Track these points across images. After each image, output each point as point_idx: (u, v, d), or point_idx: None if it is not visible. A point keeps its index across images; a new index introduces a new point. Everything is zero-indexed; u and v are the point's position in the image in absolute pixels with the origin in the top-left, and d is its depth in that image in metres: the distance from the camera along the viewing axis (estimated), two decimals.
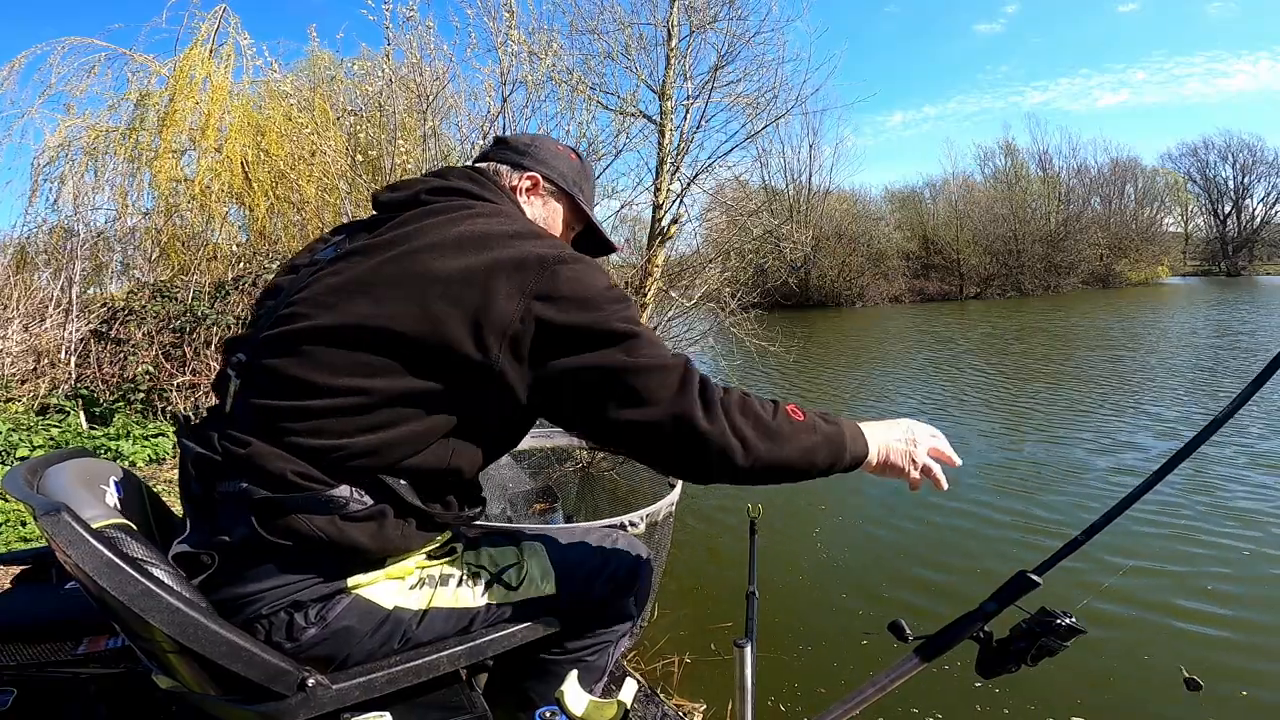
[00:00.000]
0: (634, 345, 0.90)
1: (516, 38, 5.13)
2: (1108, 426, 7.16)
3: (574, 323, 0.88)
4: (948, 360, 12.19)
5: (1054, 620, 0.98)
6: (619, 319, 0.91)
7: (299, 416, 0.87)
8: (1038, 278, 29.42)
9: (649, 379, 0.89)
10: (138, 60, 6.59)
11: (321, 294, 0.91)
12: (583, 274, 0.92)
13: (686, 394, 0.90)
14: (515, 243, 0.93)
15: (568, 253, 0.94)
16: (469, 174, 1.13)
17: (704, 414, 0.90)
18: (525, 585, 1.09)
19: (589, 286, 0.91)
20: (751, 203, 10.63)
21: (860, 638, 3.36)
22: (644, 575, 1.24)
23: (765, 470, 0.95)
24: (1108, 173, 36.24)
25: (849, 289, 26.46)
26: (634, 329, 0.91)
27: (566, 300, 0.89)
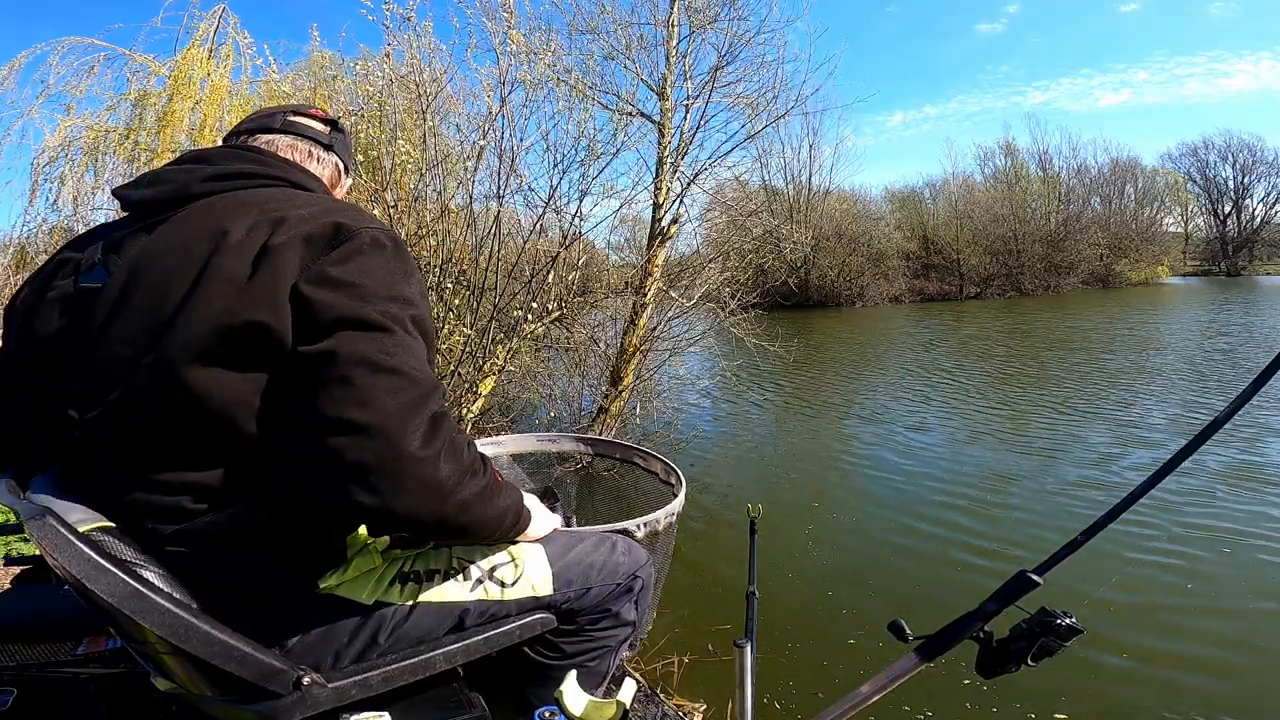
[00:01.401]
0: (383, 340, 0.80)
1: (515, 38, 5.12)
2: (1109, 426, 7.17)
3: (331, 304, 0.81)
4: (947, 360, 12.19)
5: (1054, 620, 0.98)
6: (379, 310, 0.82)
7: (174, 452, 0.84)
8: (1038, 278, 29.41)
9: (378, 379, 0.78)
10: (137, 60, 6.59)
11: (139, 334, 0.83)
12: (370, 254, 0.86)
13: (415, 414, 0.78)
14: (310, 218, 0.87)
15: (365, 227, 0.88)
16: (238, 154, 1.03)
17: (422, 441, 0.78)
18: (519, 584, 1.07)
19: (369, 270, 0.84)
20: (751, 203, 10.64)
21: (860, 637, 3.36)
22: (645, 581, 1.23)
23: (459, 526, 0.86)
24: (1108, 173, 36.23)
25: (849, 289, 26.44)
26: (391, 325, 0.82)
27: (343, 260, 0.84)
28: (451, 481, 0.81)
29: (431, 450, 0.78)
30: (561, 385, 7.35)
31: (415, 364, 0.81)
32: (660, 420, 7.34)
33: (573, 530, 1.26)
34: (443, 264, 5.66)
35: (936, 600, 3.72)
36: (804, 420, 8.44)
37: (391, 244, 0.89)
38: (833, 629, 3.47)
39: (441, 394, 0.84)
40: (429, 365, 0.85)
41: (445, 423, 0.82)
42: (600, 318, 7.57)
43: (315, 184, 1.06)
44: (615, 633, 1.20)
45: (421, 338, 0.85)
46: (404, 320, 0.83)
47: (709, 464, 6.73)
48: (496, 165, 5.51)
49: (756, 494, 5.54)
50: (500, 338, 5.93)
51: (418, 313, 0.86)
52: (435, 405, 0.81)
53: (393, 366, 0.79)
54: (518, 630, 1.07)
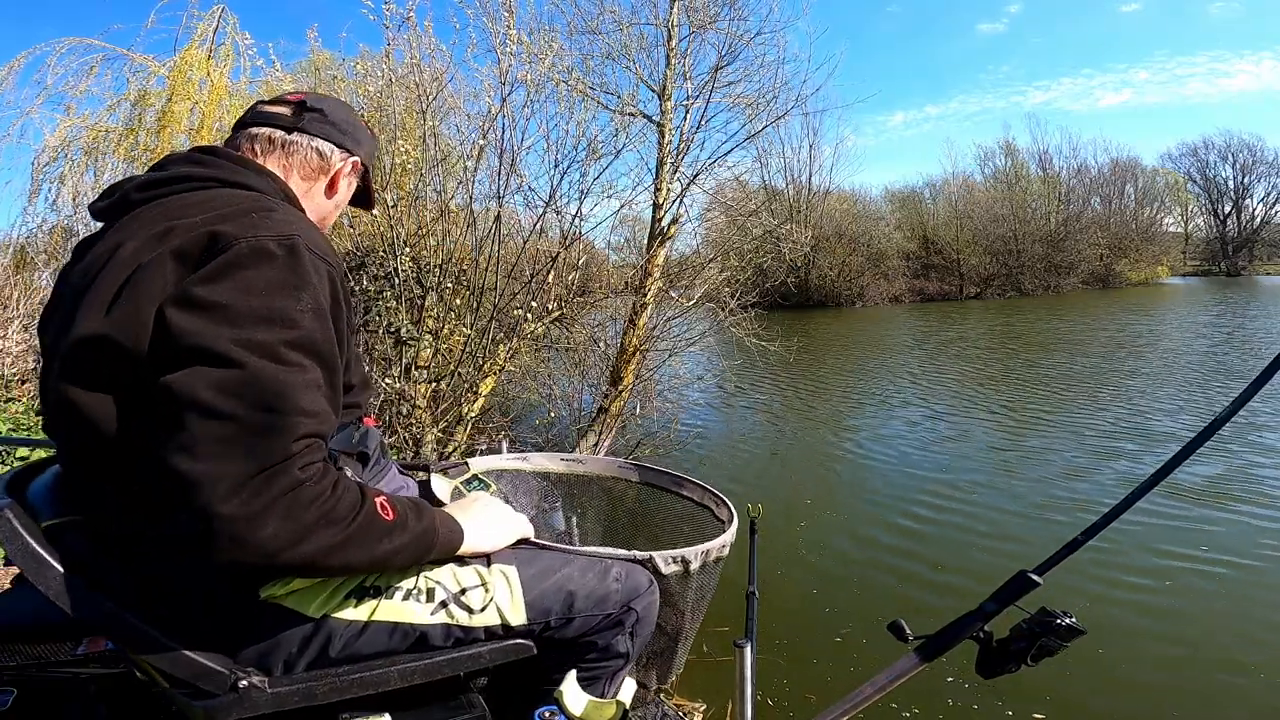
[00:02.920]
0: (228, 379, 0.73)
1: (516, 38, 5.12)
2: (1111, 427, 7.16)
3: (186, 332, 0.75)
4: (947, 361, 12.20)
5: (1054, 620, 0.98)
6: (237, 340, 0.74)
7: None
8: (1038, 278, 29.41)
9: (208, 426, 0.71)
10: (137, 60, 6.59)
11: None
12: (249, 267, 0.78)
13: (238, 466, 0.72)
14: (201, 226, 0.82)
15: (246, 236, 0.80)
16: (189, 156, 0.99)
17: (243, 499, 0.71)
18: (488, 610, 1.01)
19: (243, 287, 0.77)
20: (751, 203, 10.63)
21: (860, 638, 3.37)
22: (643, 615, 1.12)
23: (313, 572, 0.83)
24: (1108, 173, 36.24)
25: (849, 289, 26.44)
26: (244, 359, 0.74)
27: (214, 277, 0.78)
28: (279, 541, 0.73)
29: (253, 508, 0.71)
30: (561, 385, 7.35)
31: (267, 402, 0.73)
32: (660, 420, 7.34)
33: (572, 553, 1.14)
34: (442, 264, 5.66)
35: (936, 600, 3.73)
36: (804, 420, 8.44)
37: (283, 252, 0.80)
38: (832, 629, 3.48)
39: (297, 437, 0.75)
40: (313, 391, 0.77)
41: (283, 477, 0.74)
42: (600, 318, 7.57)
43: (264, 181, 0.98)
44: (604, 665, 1.12)
45: (309, 360, 0.78)
46: (271, 348, 0.75)
47: (708, 464, 6.74)
48: (497, 165, 5.51)
49: (756, 494, 5.53)
50: (500, 338, 5.93)
51: (299, 334, 0.77)
52: (274, 454, 0.73)
53: (229, 412, 0.72)
54: (487, 655, 1.01)
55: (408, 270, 5.52)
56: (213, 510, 0.70)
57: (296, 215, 0.91)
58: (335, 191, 1.15)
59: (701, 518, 1.55)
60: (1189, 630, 3.34)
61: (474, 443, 5.74)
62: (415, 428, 5.39)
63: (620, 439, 7.04)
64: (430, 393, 5.63)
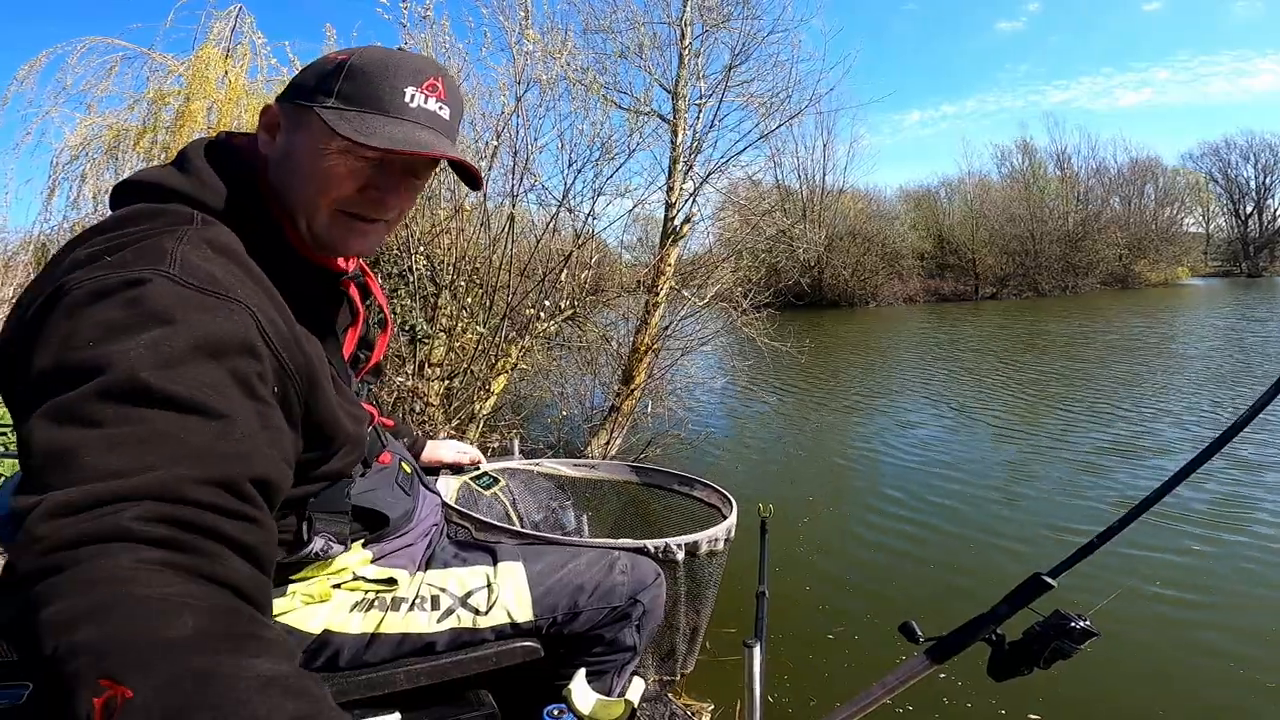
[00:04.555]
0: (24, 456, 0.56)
1: (531, 36, 5.13)
2: (1127, 429, 7.08)
3: (35, 368, 0.61)
4: (961, 360, 12.10)
5: (1068, 623, 0.97)
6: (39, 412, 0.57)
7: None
8: (1055, 278, 29.06)
9: (41, 461, 0.55)
10: (156, 59, 6.66)
11: None
12: (70, 323, 0.62)
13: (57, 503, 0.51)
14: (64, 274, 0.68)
15: (78, 281, 0.65)
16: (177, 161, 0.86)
17: (35, 551, 0.49)
18: (494, 610, 1.00)
19: (77, 326, 0.62)
20: (765, 202, 10.60)
21: (870, 638, 3.34)
22: (649, 606, 1.12)
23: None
24: (1127, 172, 35.74)
25: (863, 288, 26.26)
26: (34, 430, 0.56)
27: (42, 340, 0.63)
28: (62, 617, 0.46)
29: (45, 553, 0.49)
30: (573, 383, 7.35)
31: (35, 475, 0.54)
32: (672, 419, 7.33)
33: (576, 544, 1.15)
34: (456, 262, 5.68)
35: (948, 602, 3.70)
36: (816, 420, 8.40)
37: (122, 286, 0.64)
38: (842, 629, 3.46)
39: (47, 511, 0.51)
40: (126, 447, 0.55)
41: (119, 529, 0.51)
42: (612, 316, 7.57)
43: (189, 181, 0.81)
44: (612, 659, 1.11)
45: (133, 409, 0.57)
46: (71, 408, 0.56)
47: (720, 463, 6.72)
48: (510, 164, 5.53)
49: (767, 493, 5.49)
50: (513, 336, 5.95)
51: (115, 378, 0.57)
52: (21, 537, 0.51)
53: (59, 447, 0.55)
54: (494, 656, 1.01)
55: (421, 268, 5.55)
56: (16, 559, 0.51)
57: (201, 240, 0.73)
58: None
59: (710, 515, 1.56)
60: (1200, 634, 3.30)
61: (486, 440, 5.75)
62: (428, 425, 5.42)
63: (632, 437, 7.04)
64: (443, 390, 5.66)
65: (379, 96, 0.80)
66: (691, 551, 1.25)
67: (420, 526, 1.12)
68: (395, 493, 1.07)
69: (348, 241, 0.86)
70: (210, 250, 0.72)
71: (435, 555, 1.12)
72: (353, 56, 0.81)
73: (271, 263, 0.79)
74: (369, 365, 1.07)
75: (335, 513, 0.94)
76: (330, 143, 0.79)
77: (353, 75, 0.80)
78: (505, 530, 1.20)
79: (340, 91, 0.79)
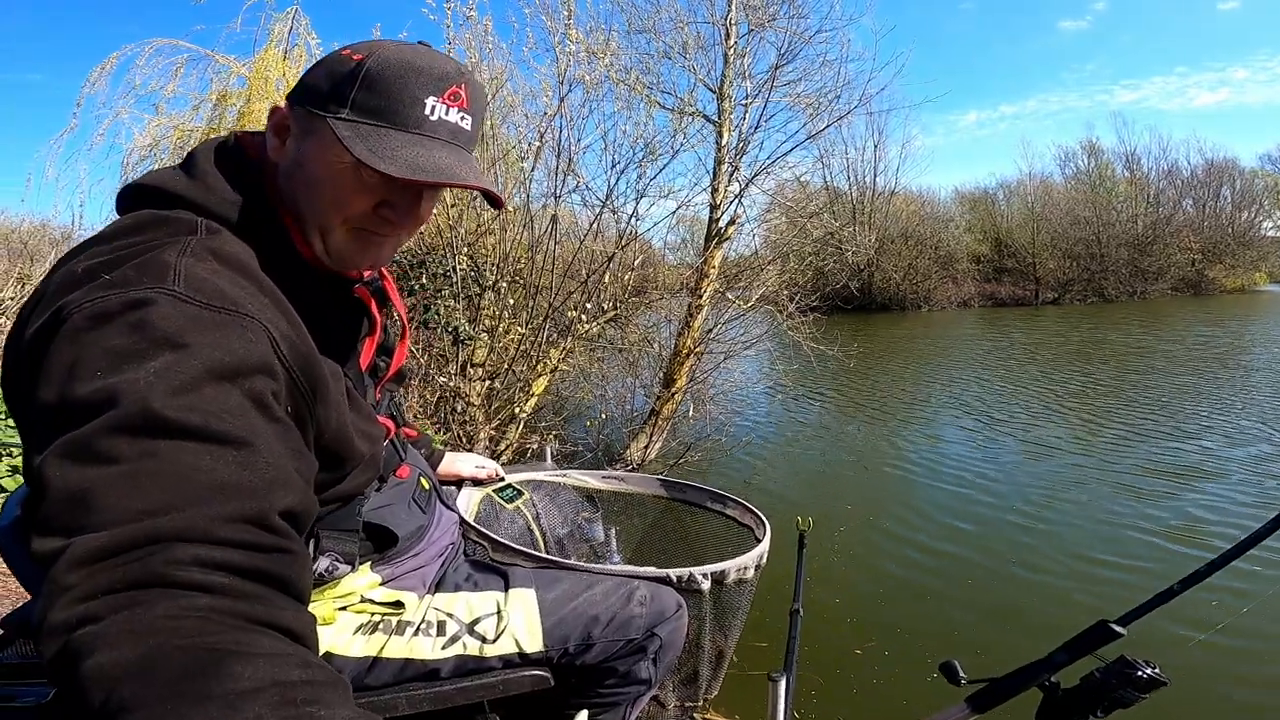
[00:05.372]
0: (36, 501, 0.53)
1: (575, 36, 5.13)
2: (1210, 453, 6.44)
3: (41, 401, 0.58)
4: (1021, 369, 11.58)
5: (1134, 671, 0.87)
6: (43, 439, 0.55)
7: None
8: (1122, 283, 27.77)
9: (59, 503, 0.52)
10: (220, 61, 6.91)
11: None
12: (73, 351, 0.58)
13: (82, 552, 0.49)
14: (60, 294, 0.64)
15: (79, 305, 0.61)
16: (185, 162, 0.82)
17: (66, 600, 0.47)
18: (503, 639, 0.97)
19: (81, 355, 0.58)
20: (812, 204, 10.40)
21: (908, 668, 3.15)
22: (668, 640, 1.06)
23: None
24: (1201, 175, 33.88)
25: (914, 292, 25.59)
26: (40, 459, 0.54)
27: (45, 371, 0.59)
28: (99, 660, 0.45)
29: (76, 608, 0.47)
30: (614, 386, 7.33)
31: (54, 520, 0.51)
32: (713, 424, 7.23)
33: (587, 571, 1.10)
34: (499, 263, 5.72)
35: (994, 637, 3.44)
36: (862, 429, 8.16)
37: (124, 309, 0.60)
38: (878, 657, 3.28)
39: (72, 562, 0.49)
40: (145, 480, 0.52)
41: (158, 573, 0.49)
42: (655, 318, 7.52)
43: (194, 187, 0.77)
44: (624, 691, 1.06)
45: (150, 441, 0.54)
46: (85, 445, 0.53)
47: (760, 471, 6.58)
48: (554, 164, 5.54)
49: (807, 505, 5.37)
50: (554, 337, 5.95)
51: (126, 412, 0.54)
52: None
53: (75, 487, 0.52)
54: (501, 685, 0.97)
55: (465, 269, 5.60)
56: (45, 611, 0.48)
57: (206, 251, 0.69)
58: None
59: (743, 536, 1.48)
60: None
61: (526, 441, 5.77)
62: (469, 425, 5.46)
63: (671, 441, 6.97)
64: (485, 391, 5.70)
65: (397, 109, 0.74)
66: (719, 580, 1.18)
67: (434, 546, 1.09)
68: (410, 510, 1.04)
69: (363, 256, 0.83)
70: (216, 262, 0.68)
71: (447, 577, 1.08)
72: (369, 59, 0.75)
73: (282, 273, 0.75)
74: (390, 374, 1.03)
75: (344, 531, 0.91)
76: (344, 158, 0.74)
77: (369, 83, 0.74)
78: (522, 553, 1.15)
79: (355, 101, 0.74)
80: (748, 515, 1.49)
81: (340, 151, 0.73)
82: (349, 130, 0.73)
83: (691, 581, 1.14)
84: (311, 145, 0.77)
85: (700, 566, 1.16)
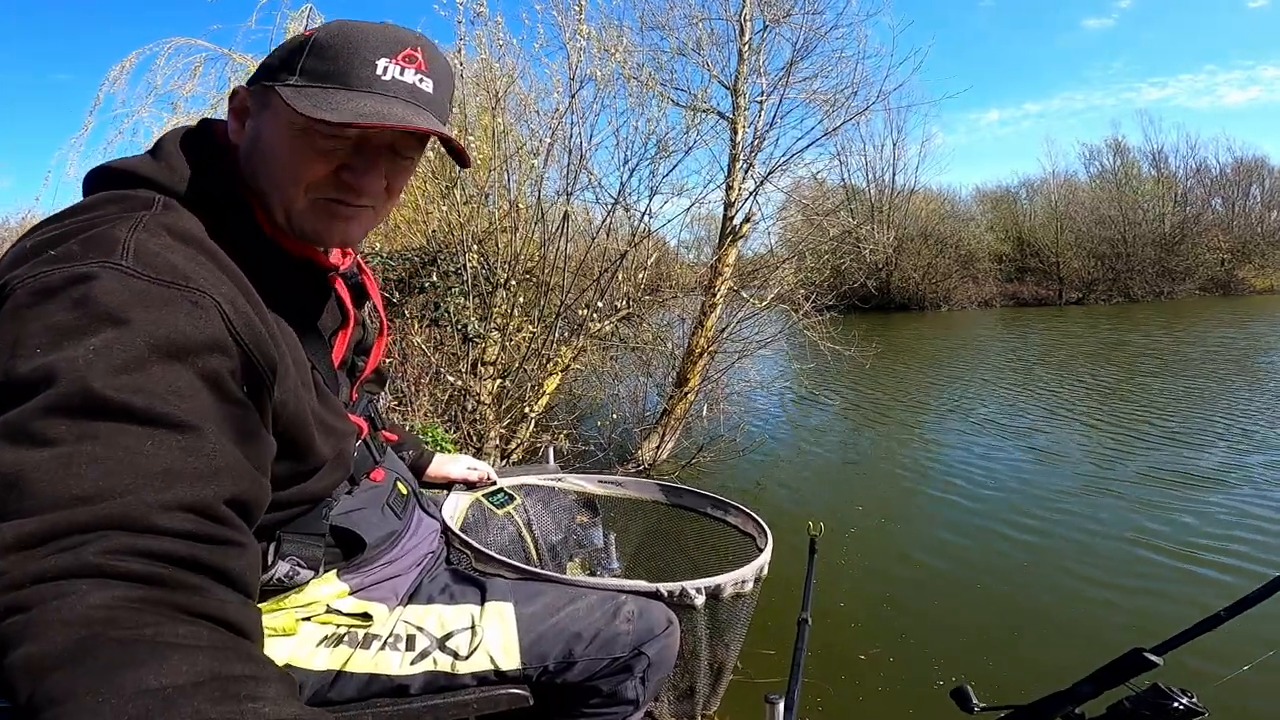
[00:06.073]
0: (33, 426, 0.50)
1: (586, 33, 5.07)
2: (1254, 467, 5.96)
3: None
4: (1044, 371, 11.32)
5: (1169, 702, 0.78)
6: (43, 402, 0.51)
7: None
8: (1149, 283, 27.23)
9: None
10: (237, 60, 6.94)
11: None
12: (14, 326, 0.56)
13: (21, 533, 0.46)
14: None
15: (24, 279, 0.58)
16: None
17: (1, 576, 0.44)
18: (476, 655, 0.91)
19: (21, 331, 0.55)
20: (829, 201, 10.27)
21: (918, 688, 3.00)
22: (656, 660, 1.01)
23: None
24: (1231, 173, 33.10)
25: (934, 292, 25.28)
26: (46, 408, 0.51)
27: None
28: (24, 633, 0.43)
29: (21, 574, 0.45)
30: (627, 384, 7.27)
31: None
32: (726, 424, 7.14)
33: (571, 584, 1.04)
34: (510, 261, 5.68)
35: (1013, 656, 3.23)
36: (877, 432, 8.02)
37: (67, 284, 0.57)
38: (887, 672, 3.17)
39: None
40: (82, 466, 0.49)
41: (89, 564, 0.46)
42: (668, 317, 7.45)
43: (157, 167, 0.75)
44: (610, 712, 1.00)
45: (87, 423, 0.51)
46: (20, 426, 0.50)
47: (772, 473, 6.49)
48: (566, 162, 5.49)
49: (819, 509, 5.25)
50: (566, 336, 5.91)
51: (64, 390, 0.51)
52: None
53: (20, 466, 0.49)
54: (474, 704, 0.91)
55: (475, 266, 5.57)
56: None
57: (159, 226, 0.66)
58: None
59: (744, 546, 1.40)
60: None
61: (536, 440, 5.73)
62: (480, 424, 5.42)
63: (684, 441, 6.90)
64: (496, 389, 5.66)
65: (345, 71, 0.72)
66: (714, 595, 1.10)
67: (410, 555, 1.03)
68: (383, 515, 0.98)
69: (330, 229, 0.79)
70: (170, 237, 0.65)
71: (422, 588, 1.03)
72: (320, 31, 0.75)
73: (244, 253, 0.72)
74: (366, 372, 1.00)
75: (309, 535, 0.87)
76: (294, 122, 0.72)
77: (318, 49, 0.73)
78: (505, 564, 1.09)
79: (304, 68, 0.73)
80: (750, 523, 1.42)
81: (290, 116, 0.71)
82: (293, 93, 0.71)
83: (684, 596, 1.07)
84: (266, 118, 0.75)
85: (694, 581, 1.08)
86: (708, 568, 1.47)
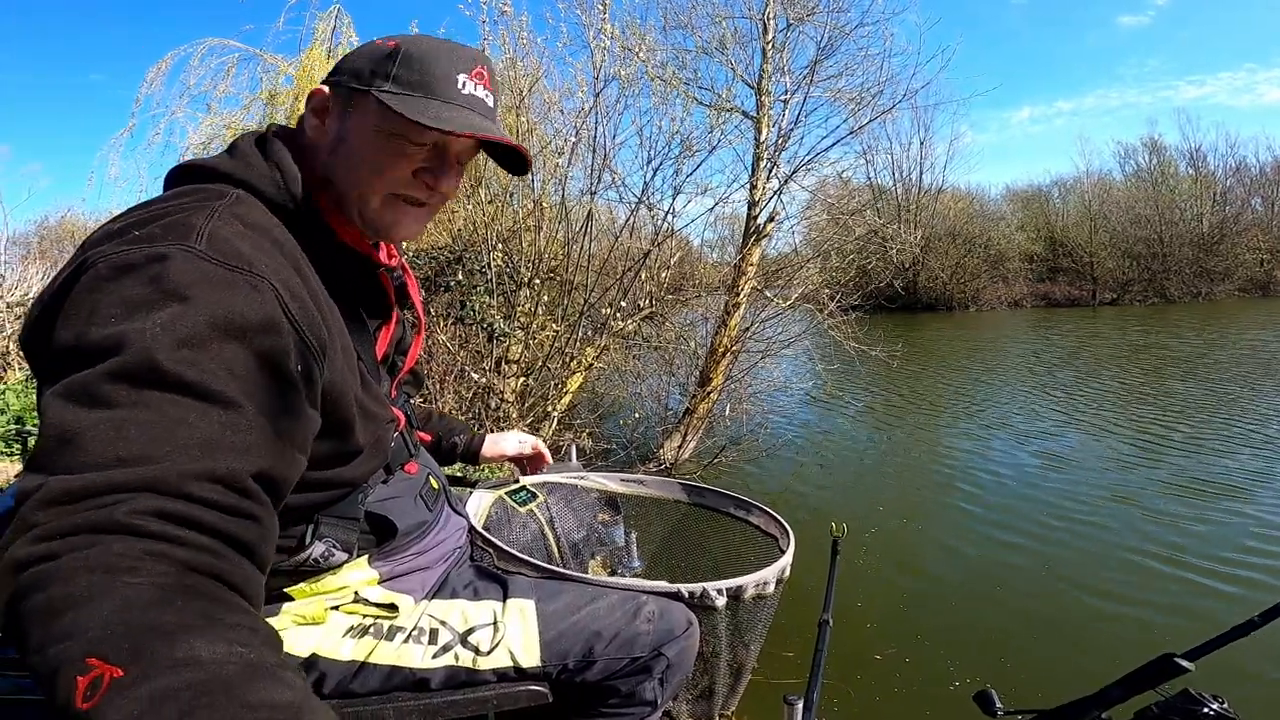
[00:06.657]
0: (42, 431, 0.55)
1: (610, 32, 5.08)
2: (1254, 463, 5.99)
3: (58, 342, 0.60)
4: (1076, 373, 11.06)
5: (1199, 708, 0.77)
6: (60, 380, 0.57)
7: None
8: (1186, 283, 26.49)
9: (49, 440, 0.54)
10: (268, 60, 7.09)
11: None
12: (94, 291, 0.61)
13: (53, 490, 0.50)
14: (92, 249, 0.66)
15: (103, 256, 0.63)
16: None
17: (29, 538, 0.49)
18: (497, 651, 0.93)
19: (99, 301, 0.60)
20: (854, 200, 10.15)
21: (939, 691, 2.95)
22: (676, 661, 1.01)
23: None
24: (1271, 172, 32.06)
25: (962, 292, 24.88)
26: (48, 407, 0.56)
27: (66, 314, 0.61)
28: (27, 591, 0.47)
29: (34, 549, 0.48)
30: (650, 384, 7.26)
31: (46, 460, 0.53)
32: (749, 424, 7.11)
33: (593, 584, 1.05)
34: (534, 259, 5.72)
35: (1032, 660, 3.17)
36: (900, 432, 7.92)
37: (145, 262, 0.62)
38: (904, 674, 3.13)
39: (45, 500, 0.50)
40: (137, 429, 0.54)
41: (106, 523, 0.49)
42: (692, 316, 7.43)
43: (235, 164, 0.80)
44: (628, 712, 1.00)
45: (143, 392, 0.56)
46: (85, 387, 0.55)
47: (795, 474, 6.44)
48: (590, 161, 5.51)
49: (842, 510, 5.20)
50: (589, 334, 5.93)
51: (129, 359, 0.56)
52: (33, 527, 0.49)
53: (68, 430, 0.54)
54: (494, 699, 0.92)
55: (500, 265, 5.61)
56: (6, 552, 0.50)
57: (232, 215, 0.71)
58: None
59: (766, 546, 1.40)
60: None
61: (559, 438, 5.75)
62: (503, 422, 5.47)
63: (706, 441, 6.88)
64: (519, 387, 5.70)
65: (433, 82, 0.81)
66: (735, 596, 1.10)
67: (438, 549, 1.05)
68: (415, 505, 1.01)
69: (399, 224, 0.86)
70: (241, 225, 0.71)
71: (447, 583, 1.05)
72: (405, 43, 0.82)
73: (308, 243, 0.79)
74: (404, 370, 1.04)
75: (345, 519, 0.90)
76: (388, 125, 0.80)
77: (408, 61, 0.81)
78: (527, 562, 1.10)
79: (396, 76, 0.80)
80: (772, 524, 1.41)
81: (384, 119, 0.80)
82: (394, 98, 0.79)
83: (705, 597, 1.06)
84: (354, 119, 0.82)
85: (715, 582, 1.08)
86: (729, 568, 1.47)
